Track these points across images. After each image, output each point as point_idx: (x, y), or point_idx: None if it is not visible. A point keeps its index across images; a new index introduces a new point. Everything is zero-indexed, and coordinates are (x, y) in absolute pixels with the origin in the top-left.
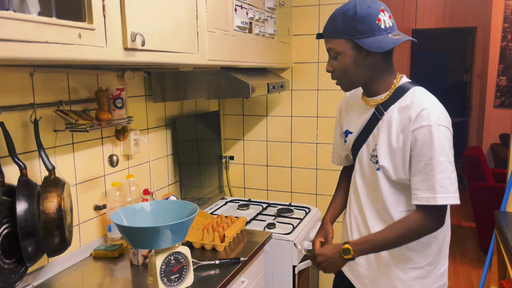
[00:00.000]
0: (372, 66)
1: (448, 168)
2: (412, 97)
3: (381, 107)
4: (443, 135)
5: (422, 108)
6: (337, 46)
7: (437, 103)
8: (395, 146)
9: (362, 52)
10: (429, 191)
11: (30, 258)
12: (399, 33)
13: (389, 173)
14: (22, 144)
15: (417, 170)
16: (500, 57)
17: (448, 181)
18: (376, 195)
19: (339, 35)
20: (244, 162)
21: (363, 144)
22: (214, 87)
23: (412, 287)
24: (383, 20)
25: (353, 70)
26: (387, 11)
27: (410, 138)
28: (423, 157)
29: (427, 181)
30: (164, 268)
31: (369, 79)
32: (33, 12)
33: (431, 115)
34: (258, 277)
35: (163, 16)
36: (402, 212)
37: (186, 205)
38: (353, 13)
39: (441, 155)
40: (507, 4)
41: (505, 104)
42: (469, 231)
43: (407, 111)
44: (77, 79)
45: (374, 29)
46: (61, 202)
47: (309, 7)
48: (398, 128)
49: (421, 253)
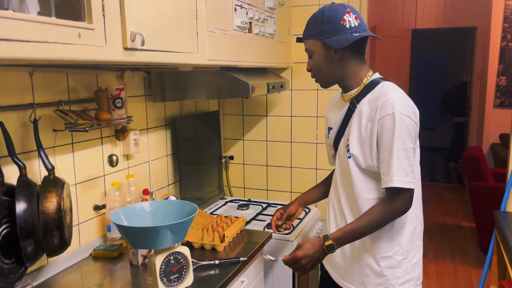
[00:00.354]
0: (343, 62)
1: (402, 155)
2: (380, 89)
3: (354, 100)
4: (404, 123)
5: (387, 98)
6: (310, 46)
7: (403, 95)
8: (363, 135)
9: (331, 50)
10: (389, 175)
11: (29, 258)
12: (365, 32)
13: (359, 161)
14: (22, 144)
15: (383, 157)
16: (500, 57)
17: (401, 166)
18: (349, 183)
19: (311, 36)
20: (243, 162)
21: (342, 137)
22: (213, 87)
23: (384, 276)
24: (348, 20)
25: (325, 67)
26: (354, 13)
27: (377, 126)
28: (386, 143)
29: (388, 165)
30: (164, 268)
31: (341, 75)
32: (32, 11)
33: (395, 104)
34: (257, 277)
35: (162, 16)
36: (373, 200)
37: (185, 205)
38: (321, 16)
39: (399, 141)
40: (507, 4)
41: (505, 104)
42: (469, 231)
43: (375, 102)
44: (76, 79)
45: (339, 28)
46: (61, 202)
47: (309, 7)
48: (367, 118)
49: (389, 242)
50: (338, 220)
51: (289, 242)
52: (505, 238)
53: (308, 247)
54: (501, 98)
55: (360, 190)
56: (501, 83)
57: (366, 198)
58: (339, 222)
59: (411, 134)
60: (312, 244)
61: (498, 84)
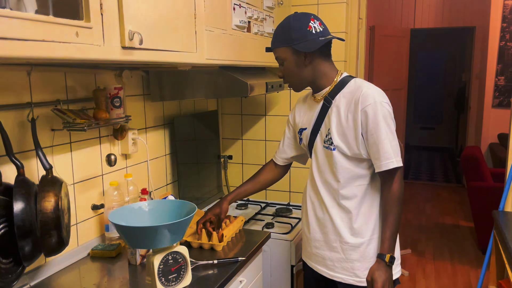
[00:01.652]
0: (313, 65)
1: (391, 137)
2: (353, 85)
3: (328, 97)
4: (386, 110)
5: (364, 90)
6: (280, 54)
7: (376, 87)
8: (345, 126)
9: (301, 54)
10: (385, 158)
11: (27, 258)
12: (330, 35)
13: (344, 151)
14: (19, 143)
15: (372, 143)
16: (498, 57)
17: (396, 147)
18: (333, 175)
19: (280, 44)
20: (242, 162)
21: (317, 135)
22: (212, 87)
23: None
24: (313, 26)
25: (297, 71)
26: (317, 19)
27: (360, 117)
28: (372, 130)
29: (381, 149)
30: (162, 268)
31: (313, 77)
32: (30, 10)
33: (374, 94)
34: (256, 277)
35: (161, 15)
36: (360, 186)
37: (184, 204)
38: (287, 25)
39: (385, 126)
40: (506, 4)
41: (504, 104)
42: (468, 231)
43: (351, 95)
44: (74, 78)
45: (306, 34)
46: (59, 202)
47: (307, 7)
48: (346, 110)
49: (366, 225)
50: (318, 214)
51: (288, 242)
52: (503, 237)
53: (378, 274)
54: (500, 98)
55: (347, 179)
56: (499, 83)
57: (353, 185)
58: (319, 215)
59: (392, 118)
60: (379, 270)
61: (496, 84)
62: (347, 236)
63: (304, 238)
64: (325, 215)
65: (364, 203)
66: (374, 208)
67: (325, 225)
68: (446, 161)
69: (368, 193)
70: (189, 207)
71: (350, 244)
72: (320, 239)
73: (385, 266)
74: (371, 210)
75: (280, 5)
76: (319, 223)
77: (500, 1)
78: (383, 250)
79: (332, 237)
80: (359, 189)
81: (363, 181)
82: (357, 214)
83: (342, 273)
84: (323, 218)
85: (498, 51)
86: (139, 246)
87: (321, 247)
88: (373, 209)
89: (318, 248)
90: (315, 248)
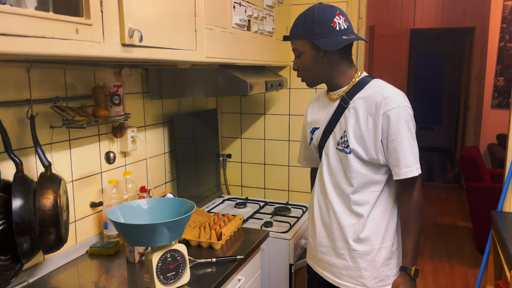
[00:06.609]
0: (331, 63)
1: (413, 143)
2: (374, 86)
3: (346, 97)
4: (409, 115)
5: (387, 93)
6: (299, 46)
7: (398, 89)
8: (364, 129)
9: (320, 51)
10: (406, 165)
11: (25, 254)
12: (354, 34)
13: (361, 155)
14: (18, 140)
15: (391, 149)
16: (498, 57)
17: (417, 155)
18: (346, 179)
19: (300, 36)
20: (241, 160)
21: (329, 136)
22: (212, 85)
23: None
24: (338, 23)
25: (314, 67)
26: (343, 15)
27: (382, 120)
28: (393, 136)
29: (402, 156)
30: (161, 266)
31: (330, 75)
32: (30, 6)
33: (398, 98)
34: (254, 275)
35: (161, 12)
36: (374, 192)
37: (183, 202)
38: (311, 17)
39: (408, 132)
40: (505, 5)
41: (503, 104)
42: (466, 231)
43: (372, 97)
44: (74, 75)
45: (329, 30)
46: (57, 199)
47: (307, 6)
48: (365, 113)
49: (376, 232)
50: (325, 218)
51: (286, 241)
52: (501, 238)
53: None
54: (499, 98)
55: (361, 184)
56: (499, 83)
57: (367, 190)
58: (326, 220)
59: (414, 123)
60: (404, 284)
61: (496, 84)
62: (355, 243)
63: (310, 242)
64: (332, 220)
65: (376, 210)
66: (386, 214)
67: (332, 231)
68: (444, 161)
69: (381, 200)
70: (188, 205)
71: (359, 252)
72: (327, 244)
73: (410, 280)
74: (383, 217)
75: (280, 4)
76: (326, 228)
77: (500, 2)
78: (406, 263)
79: (339, 243)
80: (372, 195)
81: (378, 187)
82: (367, 221)
83: (348, 281)
84: (330, 223)
85: (498, 52)
86: (138, 244)
87: (328, 253)
88: (384, 216)
89: (324, 254)
90: (321, 253)
